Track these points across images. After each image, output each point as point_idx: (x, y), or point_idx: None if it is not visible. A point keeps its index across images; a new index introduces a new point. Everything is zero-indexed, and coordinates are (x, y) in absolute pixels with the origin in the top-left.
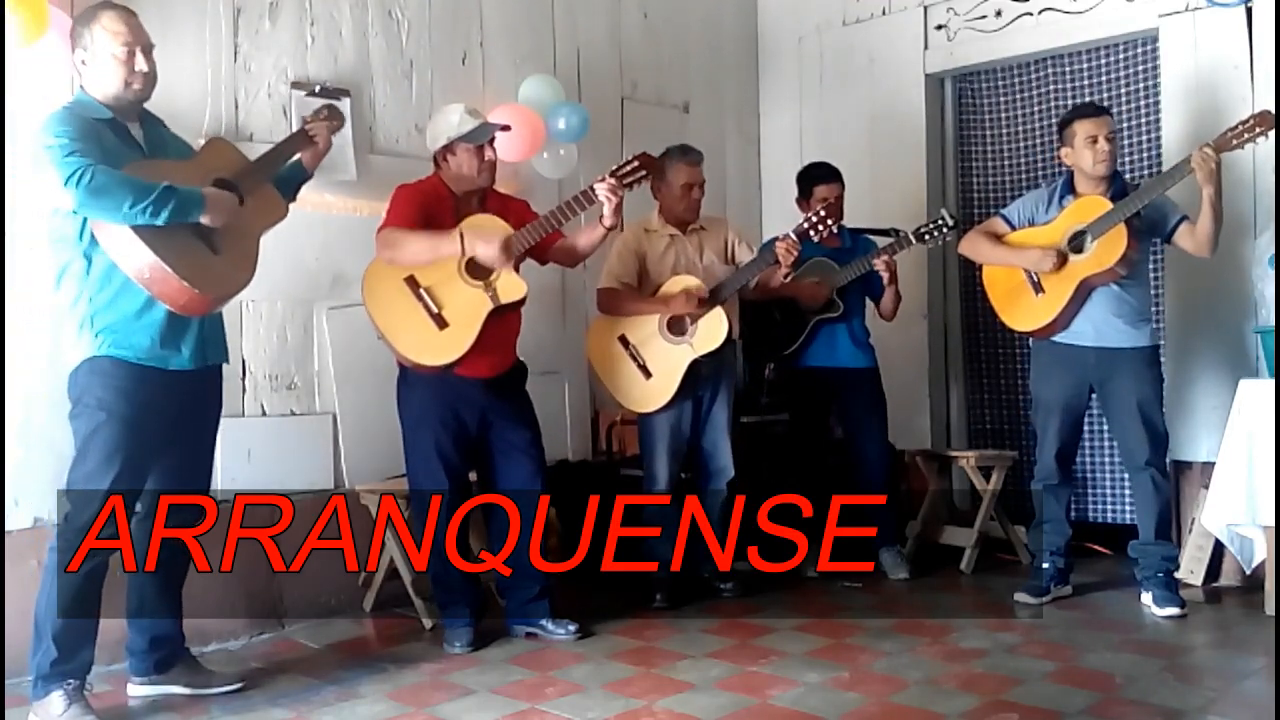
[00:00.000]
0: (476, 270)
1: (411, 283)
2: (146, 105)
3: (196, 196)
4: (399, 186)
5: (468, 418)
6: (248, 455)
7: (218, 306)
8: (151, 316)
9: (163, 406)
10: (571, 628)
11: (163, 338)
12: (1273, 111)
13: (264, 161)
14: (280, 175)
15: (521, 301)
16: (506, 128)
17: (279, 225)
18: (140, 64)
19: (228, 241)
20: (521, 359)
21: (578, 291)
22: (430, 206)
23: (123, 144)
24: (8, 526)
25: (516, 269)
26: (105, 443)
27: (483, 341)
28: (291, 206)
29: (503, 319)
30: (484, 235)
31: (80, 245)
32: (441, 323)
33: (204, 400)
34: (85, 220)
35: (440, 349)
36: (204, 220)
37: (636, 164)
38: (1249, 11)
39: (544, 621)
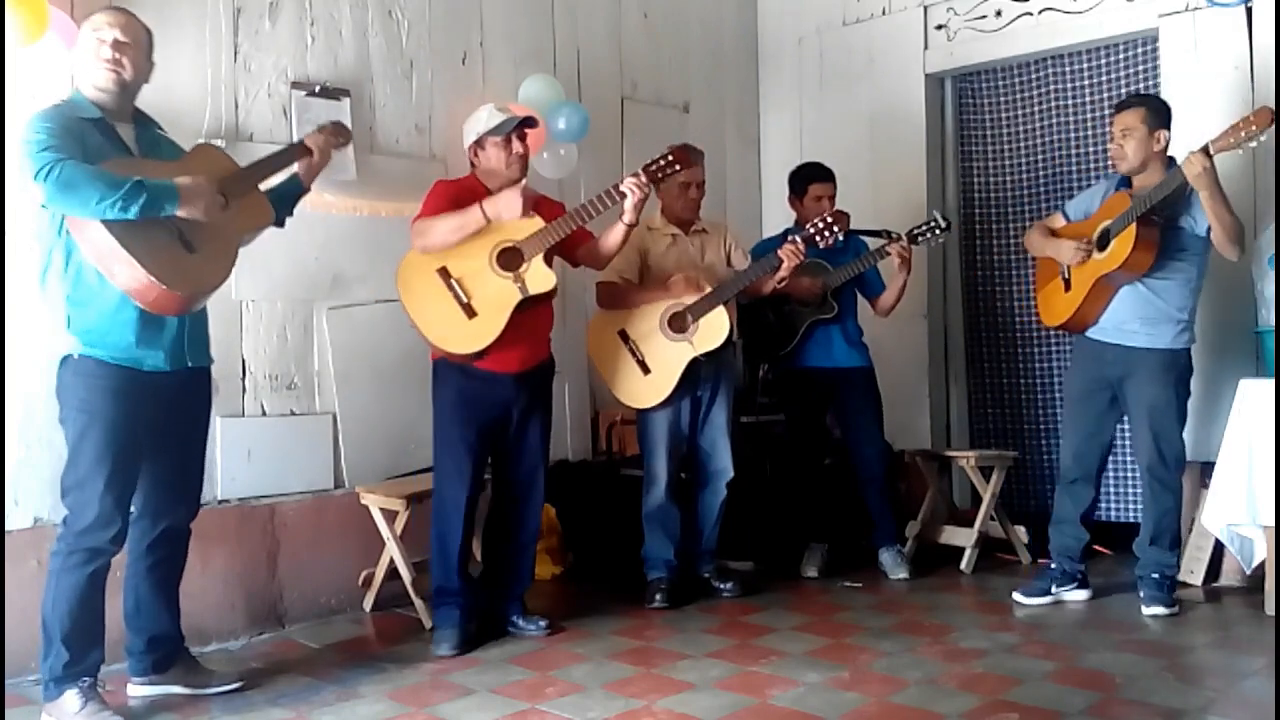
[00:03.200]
0: (507, 262)
1: (444, 274)
2: (142, 107)
3: (169, 188)
4: (437, 180)
5: (497, 413)
6: (248, 455)
7: (191, 305)
8: (127, 315)
9: (145, 407)
10: (542, 623)
11: (139, 337)
12: (1271, 108)
13: (253, 169)
14: (277, 190)
15: (551, 293)
16: (532, 120)
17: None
18: (116, 51)
19: (205, 241)
20: (552, 354)
21: (577, 291)
22: (464, 201)
23: (108, 143)
24: (8, 526)
25: (549, 263)
26: (95, 444)
27: (512, 333)
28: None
29: (533, 312)
30: (502, 199)
31: (58, 241)
32: (470, 312)
33: (189, 404)
34: (61, 216)
35: (468, 338)
36: (180, 212)
37: (671, 157)
38: (1249, 11)
39: (515, 618)
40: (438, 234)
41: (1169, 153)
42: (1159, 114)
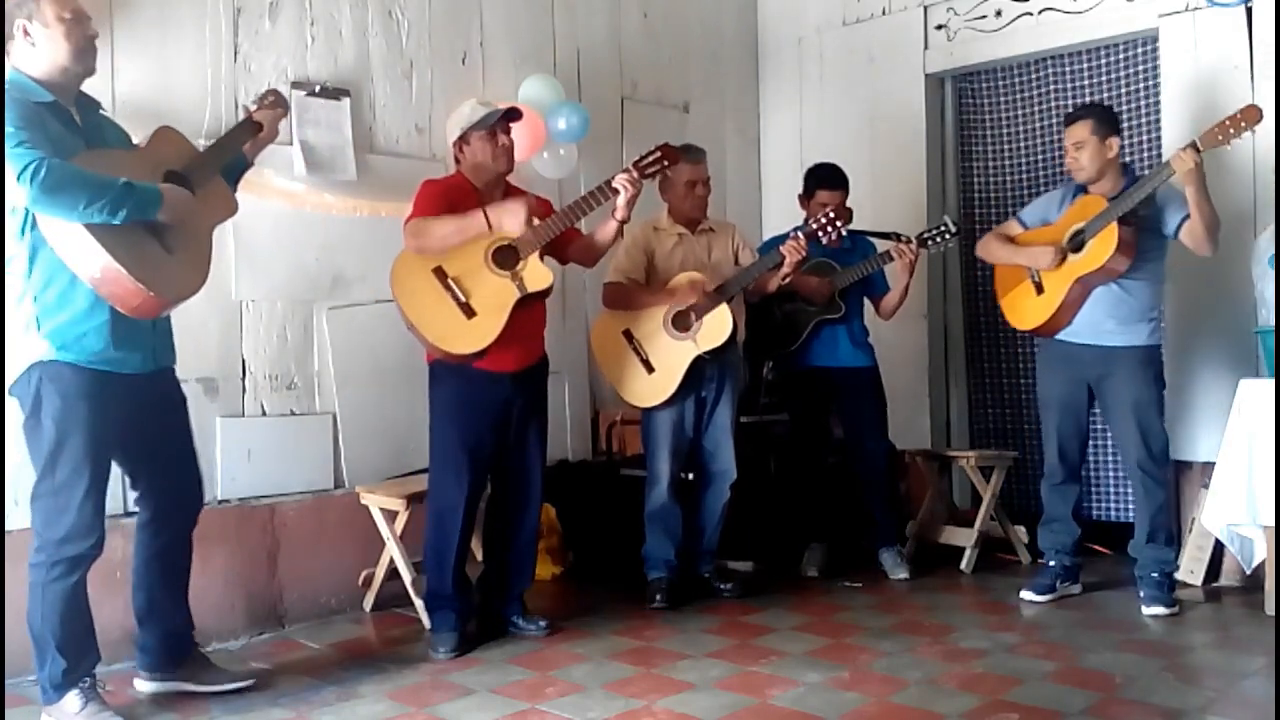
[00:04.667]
0: (503, 260)
1: (439, 273)
2: (144, 107)
3: (154, 194)
4: (425, 181)
5: (496, 413)
6: (248, 455)
7: (170, 309)
8: (100, 318)
9: (123, 411)
10: (542, 623)
11: (115, 340)
12: (1259, 105)
13: (213, 152)
14: (224, 165)
15: (547, 291)
16: (516, 112)
17: (276, 224)
18: (91, 29)
19: (181, 240)
20: (546, 352)
21: (578, 291)
22: (455, 199)
23: (66, 131)
24: (8, 526)
25: (540, 259)
26: (74, 452)
27: (510, 332)
28: (290, 206)
29: (529, 310)
30: (507, 208)
31: (21, 240)
32: (469, 312)
33: (166, 402)
34: (27, 213)
35: (469, 338)
36: (161, 218)
37: (659, 154)
38: (1249, 11)
39: (515, 618)
40: (436, 237)
41: (1126, 158)
42: (1106, 122)
